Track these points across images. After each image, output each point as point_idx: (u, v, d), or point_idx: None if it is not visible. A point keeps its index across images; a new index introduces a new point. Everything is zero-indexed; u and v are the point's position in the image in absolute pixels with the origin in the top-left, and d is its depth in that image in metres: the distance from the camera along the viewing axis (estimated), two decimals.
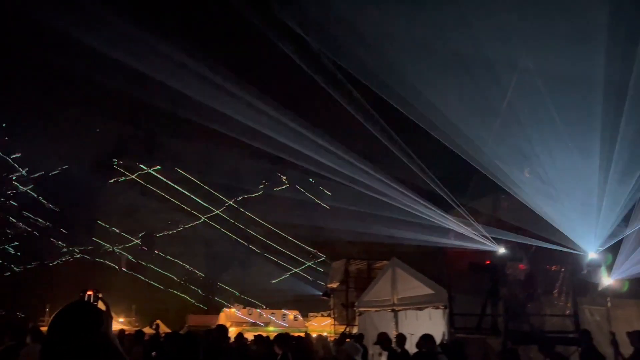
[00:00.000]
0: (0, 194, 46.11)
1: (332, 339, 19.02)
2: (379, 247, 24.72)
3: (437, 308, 12.94)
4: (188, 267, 48.20)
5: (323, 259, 46.66)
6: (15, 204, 46.47)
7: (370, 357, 12.62)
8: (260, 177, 51.19)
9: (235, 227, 49.68)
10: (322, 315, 28.18)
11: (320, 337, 16.76)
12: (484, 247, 13.17)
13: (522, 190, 14.35)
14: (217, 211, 50.35)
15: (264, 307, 32.85)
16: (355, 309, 18.19)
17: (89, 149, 47.61)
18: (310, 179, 48.83)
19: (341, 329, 19.68)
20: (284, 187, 50.98)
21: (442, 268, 13.47)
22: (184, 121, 38.61)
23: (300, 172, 44.75)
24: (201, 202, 49.78)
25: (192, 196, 49.31)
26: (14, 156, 46.42)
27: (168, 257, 47.94)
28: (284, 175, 50.73)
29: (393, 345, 9.82)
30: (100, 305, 3.07)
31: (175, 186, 48.93)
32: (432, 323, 12.55)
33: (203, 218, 49.86)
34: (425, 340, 8.63)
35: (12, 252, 45.09)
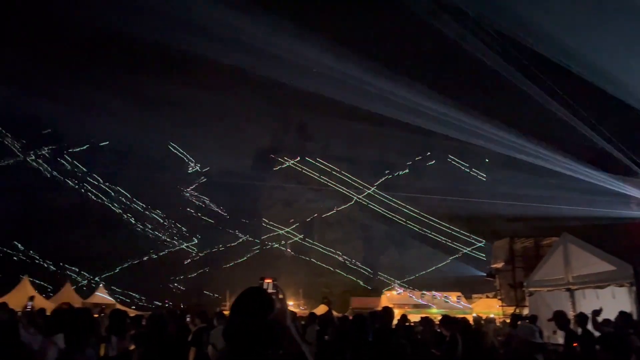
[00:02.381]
0: (182, 192, 51.95)
1: (500, 320, 18.19)
2: (546, 222, 22.95)
3: (622, 285, 11.60)
4: (346, 251, 49.62)
5: (482, 240, 44.68)
6: (196, 201, 52.16)
7: (546, 338, 11.80)
8: (411, 155, 50.60)
9: (389, 210, 49.90)
10: (487, 297, 27.09)
11: (488, 319, 16.08)
12: None
13: None
14: (372, 188, 51.05)
15: (416, 289, 32.55)
16: (524, 289, 17.13)
17: (250, 146, 51.60)
18: (451, 160, 46.99)
19: (510, 310, 18.72)
20: (433, 162, 49.88)
21: (624, 241, 12.04)
22: (335, 107, 39.77)
23: (453, 146, 43.29)
24: (355, 183, 50.89)
25: (345, 179, 50.71)
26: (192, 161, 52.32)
27: (328, 242, 49.88)
28: (434, 151, 49.48)
29: (572, 325, 9.02)
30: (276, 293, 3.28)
31: (331, 169, 50.74)
32: (617, 302, 11.29)
33: (356, 197, 50.82)
34: (623, 317, 7.77)
35: (194, 244, 50.63)
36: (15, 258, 41.59)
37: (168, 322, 6.09)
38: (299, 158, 52.49)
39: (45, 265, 42.38)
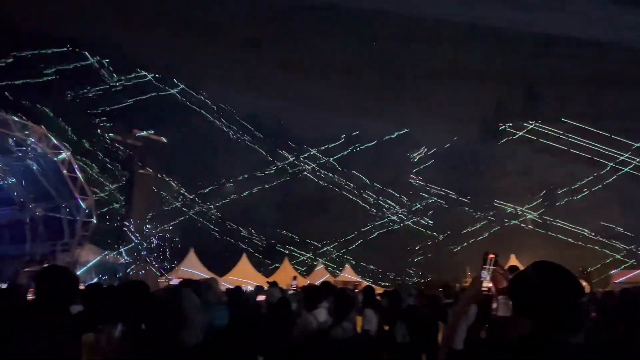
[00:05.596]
0: (405, 174, 52.92)
1: None
2: None
3: None
4: (601, 220, 43.89)
5: None
6: (422, 183, 52.61)
7: None
8: None
9: None
10: None
11: None
12: None
13: None
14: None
15: None
16: None
17: (471, 118, 49.79)
18: None
19: None
20: None
21: None
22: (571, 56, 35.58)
23: None
24: (603, 148, 44.78)
25: (589, 144, 44.99)
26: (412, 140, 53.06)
27: (577, 210, 44.95)
28: None
29: None
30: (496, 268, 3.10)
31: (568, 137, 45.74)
32: None
33: (610, 165, 44.58)
34: None
35: (429, 223, 51.03)
36: (278, 244, 47.63)
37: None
38: (527, 127, 48.54)
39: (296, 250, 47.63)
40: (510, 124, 49.57)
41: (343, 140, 52.86)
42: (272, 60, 48.64)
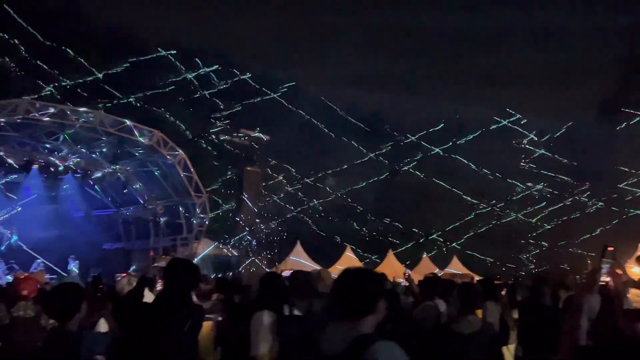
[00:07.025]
0: (517, 160, 50.18)
1: None
2: None
3: None
4: None
5: None
6: (533, 166, 49.69)
7: None
8: None
9: None
10: None
11: None
12: None
13: None
14: None
15: None
16: None
17: (594, 97, 46.31)
18: None
19: None
20: None
21: None
22: None
23: None
24: None
25: None
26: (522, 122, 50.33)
27: None
28: None
29: None
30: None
31: None
32: None
33: None
34: None
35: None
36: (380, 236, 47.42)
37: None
38: None
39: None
40: (634, 104, 45.35)
41: (443, 125, 51.37)
42: (370, 48, 48.58)
